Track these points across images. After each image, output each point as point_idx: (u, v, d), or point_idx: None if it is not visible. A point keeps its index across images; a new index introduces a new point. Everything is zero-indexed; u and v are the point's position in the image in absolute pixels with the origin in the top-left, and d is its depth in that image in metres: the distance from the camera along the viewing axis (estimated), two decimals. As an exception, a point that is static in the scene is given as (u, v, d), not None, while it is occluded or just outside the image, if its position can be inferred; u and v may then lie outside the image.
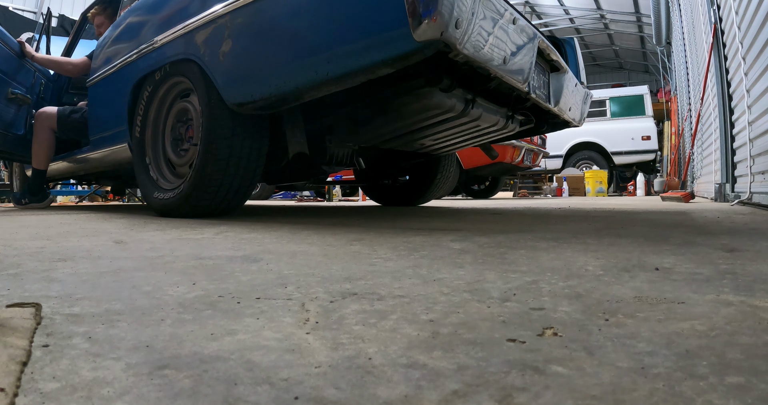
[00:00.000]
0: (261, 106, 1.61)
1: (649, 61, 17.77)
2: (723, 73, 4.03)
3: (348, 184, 4.82)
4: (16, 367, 0.33)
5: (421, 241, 1.11)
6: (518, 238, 1.15)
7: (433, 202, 4.49)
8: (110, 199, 7.58)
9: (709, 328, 0.41)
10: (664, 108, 12.42)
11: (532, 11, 14.53)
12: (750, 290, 0.56)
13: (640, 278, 0.64)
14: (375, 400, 0.28)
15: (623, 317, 0.45)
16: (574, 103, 2.37)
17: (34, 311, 0.47)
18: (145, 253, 0.92)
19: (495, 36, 1.43)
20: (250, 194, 2.02)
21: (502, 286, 0.59)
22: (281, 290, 0.58)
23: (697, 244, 1.00)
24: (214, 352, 0.36)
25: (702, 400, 0.28)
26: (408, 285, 0.60)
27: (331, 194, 7.50)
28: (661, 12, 8.51)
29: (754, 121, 3.07)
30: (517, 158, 5.42)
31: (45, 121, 2.84)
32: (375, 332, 0.41)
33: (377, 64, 1.31)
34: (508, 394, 0.29)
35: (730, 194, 3.81)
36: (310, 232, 1.36)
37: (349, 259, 0.83)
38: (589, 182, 8.76)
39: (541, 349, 0.36)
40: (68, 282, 0.63)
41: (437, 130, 2.19)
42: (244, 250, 0.96)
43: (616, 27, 15.31)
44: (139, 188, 2.16)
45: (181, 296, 0.55)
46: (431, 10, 1.18)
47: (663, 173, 10.51)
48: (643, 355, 0.35)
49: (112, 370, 0.33)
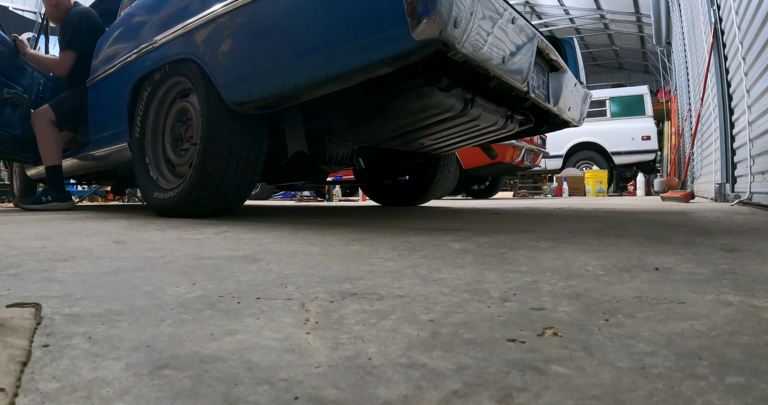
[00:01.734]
0: (260, 105, 1.61)
1: (649, 61, 17.77)
2: (723, 73, 4.03)
3: (348, 184, 4.82)
4: (16, 367, 0.33)
5: (421, 241, 1.11)
6: (518, 238, 1.15)
7: (433, 202, 4.49)
8: (110, 199, 7.58)
9: (709, 328, 0.41)
10: (664, 108, 12.42)
11: (532, 11, 14.53)
12: (750, 290, 0.56)
13: (640, 278, 0.64)
14: (375, 400, 0.28)
15: (623, 317, 0.45)
16: (574, 103, 2.37)
17: (34, 311, 0.47)
18: (145, 253, 0.92)
19: (494, 35, 1.43)
20: (250, 194, 2.02)
21: (502, 286, 0.59)
22: (281, 290, 0.58)
23: (697, 244, 1.00)
24: (214, 352, 0.36)
25: (702, 400, 0.28)
26: (408, 285, 0.60)
27: (331, 194, 7.51)
28: (661, 12, 8.51)
29: (754, 121, 3.07)
30: (516, 158, 5.41)
31: (42, 116, 2.80)
32: (375, 332, 0.41)
33: (376, 64, 1.31)
34: (508, 394, 0.29)
35: (730, 194, 3.81)
36: (310, 232, 1.36)
37: (349, 259, 0.83)
38: (589, 182, 8.76)
39: (541, 349, 0.36)
40: (68, 282, 0.63)
41: (436, 130, 2.19)
42: (244, 250, 0.96)
43: (616, 27, 15.31)
44: (139, 188, 2.16)
45: (181, 296, 0.55)
46: (430, 10, 1.18)
47: (663, 173, 10.50)
48: (643, 355, 0.35)
49: (112, 370, 0.33)
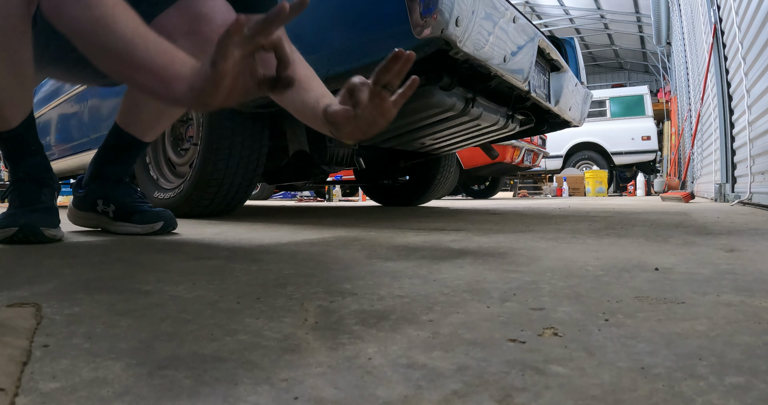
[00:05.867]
0: (261, 104, 1.61)
1: (649, 61, 17.76)
2: (723, 73, 4.03)
3: (348, 184, 4.81)
4: (16, 367, 0.33)
5: (421, 241, 1.11)
6: (518, 238, 1.15)
7: (433, 202, 4.49)
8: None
9: (709, 328, 0.41)
10: (664, 108, 12.41)
11: (532, 11, 14.53)
12: (750, 290, 0.56)
13: (640, 278, 0.64)
14: (375, 400, 0.28)
15: (623, 317, 0.45)
16: (574, 103, 2.37)
17: (34, 311, 0.47)
18: (144, 253, 0.92)
19: (495, 35, 1.43)
20: (251, 194, 2.02)
21: (502, 286, 0.60)
22: (281, 290, 0.58)
23: (697, 244, 1.00)
24: (214, 352, 0.36)
25: (702, 400, 0.28)
26: (408, 285, 0.60)
27: (331, 194, 7.51)
28: (661, 12, 8.51)
29: (754, 121, 3.07)
30: (517, 158, 5.42)
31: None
32: (375, 332, 0.41)
33: (378, 62, 1.31)
34: (508, 394, 0.29)
35: (730, 194, 3.81)
36: (311, 232, 1.36)
37: (349, 259, 0.83)
38: (589, 182, 8.76)
39: (541, 350, 0.36)
40: (67, 282, 0.63)
41: (437, 130, 2.19)
42: (244, 250, 0.96)
43: (616, 27, 15.31)
44: (139, 188, 2.16)
45: (181, 296, 0.55)
46: (431, 8, 1.18)
47: (663, 173, 10.50)
48: (643, 355, 0.35)
49: (112, 370, 0.33)
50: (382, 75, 0.78)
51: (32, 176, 1.11)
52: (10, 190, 1.11)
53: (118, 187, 1.29)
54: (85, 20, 0.75)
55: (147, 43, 0.74)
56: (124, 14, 0.75)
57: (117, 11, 0.75)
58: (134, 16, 0.76)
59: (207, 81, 0.66)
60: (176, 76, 0.72)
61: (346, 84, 0.81)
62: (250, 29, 0.62)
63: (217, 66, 0.64)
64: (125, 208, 1.28)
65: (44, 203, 1.10)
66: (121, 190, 1.29)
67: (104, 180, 1.29)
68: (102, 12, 0.74)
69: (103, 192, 1.29)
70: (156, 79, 0.73)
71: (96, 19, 0.74)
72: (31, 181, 1.11)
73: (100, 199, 1.29)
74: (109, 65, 0.78)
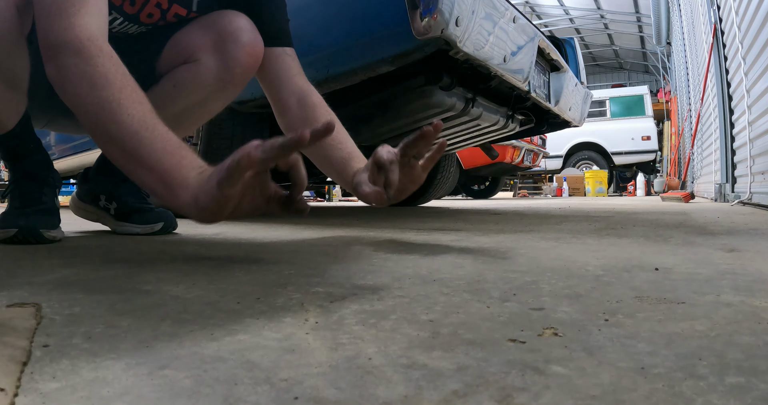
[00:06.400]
0: (262, 103, 1.61)
1: (649, 61, 17.76)
2: (723, 73, 4.03)
3: (348, 183, 4.83)
4: (16, 367, 0.33)
5: (421, 240, 1.11)
6: (518, 238, 1.15)
7: (433, 202, 4.49)
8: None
9: (709, 328, 0.41)
10: (664, 108, 12.41)
11: (532, 11, 14.53)
12: (750, 290, 0.56)
13: (640, 278, 0.64)
14: (375, 400, 0.28)
15: (623, 317, 0.45)
16: (575, 103, 2.37)
17: (34, 311, 0.47)
18: (144, 253, 0.92)
19: (495, 34, 1.43)
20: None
21: (502, 286, 0.60)
22: (281, 290, 0.58)
23: (697, 244, 1.00)
24: (214, 352, 0.36)
25: (702, 400, 0.28)
26: (408, 285, 0.60)
27: (331, 194, 7.51)
28: (661, 12, 8.51)
29: (754, 121, 3.07)
30: (517, 158, 5.42)
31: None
32: (375, 332, 0.41)
33: (377, 62, 1.32)
34: (508, 395, 0.29)
35: (730, 194, 3.81)
36: (311, 232, 1.36)
37: (349, 259, 0.83)
38: (589, 182, 8.76)
39: (541, 350, 0.36)
40: (67, 282, 0.63)
41: (437, 130, 2.19)
42: (244, 250, 0.96)
43: (616, 27, 15.31)
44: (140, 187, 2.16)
45: (181, 296, 0.55)
46: (432, 8, 1.18)
47: (663, 173, 10.51)
48: (643, 355, 0.35)
49: (112, 370, 0.33)
50: (410, 149, 0.77)
51: (32, 174, 1.11)
52: (10, 189, 1.11)
53: (123, 185, 1.29)
54: (89, 101, 0.67)
55: (153, 139, 0.66)
56: (131, 100, 0.67)
57: (124, 96, 0.67)
58: (143, 102, 0.69)
59: (211, 200, 0.60)
60: (181, 183, 0.64)
61: (374, 157, 0.80)
62: (265, 152, 0.55)
63: (223, 190, 0.58)
64: (127, 207, 1.28)
65: (45, 204, 1.10)
66: (125, 188, 1.28)
67: (110, 176, 1.29)
68: (108, 96, 0.66)
69: (107, 188, 1.29)
70: (159, 180, 0.65)
71: (101, 102, 0.66)
72: (31, 179, 1.11)
73: (104, 195, 1.29)
74: (112, 154, 0.70)
